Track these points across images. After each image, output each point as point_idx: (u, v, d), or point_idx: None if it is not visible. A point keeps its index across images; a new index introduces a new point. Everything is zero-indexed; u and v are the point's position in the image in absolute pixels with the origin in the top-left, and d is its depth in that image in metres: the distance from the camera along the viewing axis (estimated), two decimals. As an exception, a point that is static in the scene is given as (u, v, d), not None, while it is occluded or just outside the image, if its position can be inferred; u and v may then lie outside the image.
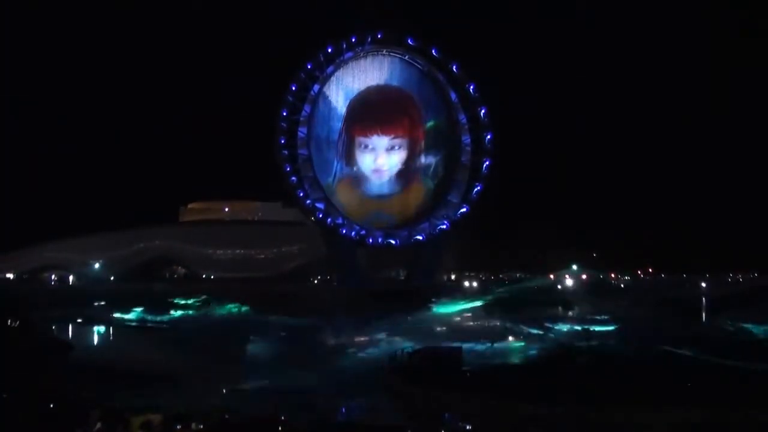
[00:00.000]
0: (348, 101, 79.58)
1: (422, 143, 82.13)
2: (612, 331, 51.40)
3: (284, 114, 75.49)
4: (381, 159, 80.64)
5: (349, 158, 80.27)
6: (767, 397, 23.53)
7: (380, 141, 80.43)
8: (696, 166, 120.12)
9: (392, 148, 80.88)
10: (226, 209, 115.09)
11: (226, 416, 22.10)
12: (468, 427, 21.49)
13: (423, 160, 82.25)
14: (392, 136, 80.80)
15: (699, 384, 27.21)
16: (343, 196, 79.50)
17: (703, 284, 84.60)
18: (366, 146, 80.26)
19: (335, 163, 79.84)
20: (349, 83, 79.74)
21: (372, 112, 79.91)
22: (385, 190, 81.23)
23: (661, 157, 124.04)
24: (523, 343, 46.44)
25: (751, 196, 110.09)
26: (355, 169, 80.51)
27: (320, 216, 75.11)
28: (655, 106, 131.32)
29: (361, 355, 40.61)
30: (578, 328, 54.43)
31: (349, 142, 79.92)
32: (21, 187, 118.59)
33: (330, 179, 79.14)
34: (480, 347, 42.18)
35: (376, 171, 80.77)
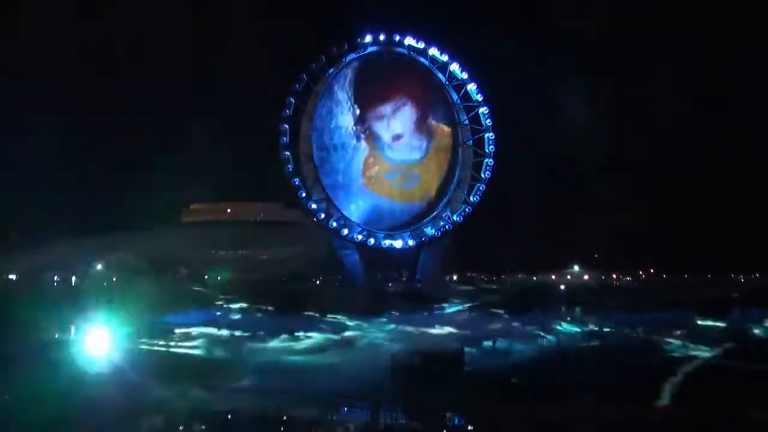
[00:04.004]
0: (349, 101, 79.83)
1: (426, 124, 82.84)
2: (614, 330, 51.33)
3: (286, 114, 75.63)
4: (394, 123, 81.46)
5: (355, 148, 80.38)
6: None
7: (386, 108, 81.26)
8: (696, 166, 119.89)
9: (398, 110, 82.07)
10: (228, 210, 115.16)
11: (229, 416, 22.14)
12: (469, 428, 21.46)
13: (424, 158, 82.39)
14: (398, 100, 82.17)
15: (699, 383, 27.21)
16: (345, 197, 79.61)
17: (702, 285, 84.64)
18: (377, 117, 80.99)
19: (336, 162, 79.93)
20: (351, 83, 79.86)
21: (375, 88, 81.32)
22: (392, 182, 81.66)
23: (661, 156, 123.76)
24: (525, 343, 46.35)
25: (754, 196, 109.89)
26: (360, 155, 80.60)
27: (322, 217, 75.20)
28: (656, 105, 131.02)
29: (361, 354, 40.56)
30: (580, 328, 54.51)
31: (357, 125, 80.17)
32: (22, 187, 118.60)
33: (331, 179, 79.25)
34: (482, 347, 42.18)
35: (396, 138, 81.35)
